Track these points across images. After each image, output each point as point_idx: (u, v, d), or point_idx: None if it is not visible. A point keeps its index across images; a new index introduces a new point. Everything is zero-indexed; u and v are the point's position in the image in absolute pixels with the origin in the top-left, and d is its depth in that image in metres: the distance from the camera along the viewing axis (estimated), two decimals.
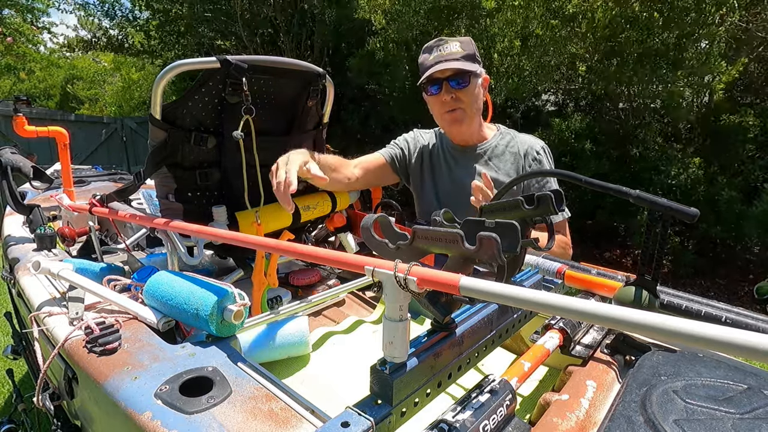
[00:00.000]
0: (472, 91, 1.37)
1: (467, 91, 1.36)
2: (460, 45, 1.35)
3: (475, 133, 1.48)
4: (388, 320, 0.55)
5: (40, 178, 1.68)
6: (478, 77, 1.38)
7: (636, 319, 0.35)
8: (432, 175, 1.54)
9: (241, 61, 1.04)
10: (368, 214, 0.80)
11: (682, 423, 0.50)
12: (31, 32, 10.50)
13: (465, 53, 1.35)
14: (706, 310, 0.84)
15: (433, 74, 1.33)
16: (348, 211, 1.56)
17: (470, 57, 1.36)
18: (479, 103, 1.43)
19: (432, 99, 1.42)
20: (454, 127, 1.45)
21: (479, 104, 1.43)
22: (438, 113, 1.44)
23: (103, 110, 17.54)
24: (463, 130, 1.45)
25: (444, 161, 1.53)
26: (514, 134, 1.52)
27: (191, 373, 0.66)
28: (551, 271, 1.06)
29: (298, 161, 1.10)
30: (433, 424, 0.55)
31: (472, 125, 1.44)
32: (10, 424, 1.53)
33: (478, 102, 1.42)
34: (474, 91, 1.38)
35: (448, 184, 1.51)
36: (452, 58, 1.34)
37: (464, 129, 1.44)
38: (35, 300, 1.00)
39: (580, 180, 0.80)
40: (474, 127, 1.46)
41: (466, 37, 1.39)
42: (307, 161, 1.12)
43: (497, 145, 1.48)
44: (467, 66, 1.33)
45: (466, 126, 1.43)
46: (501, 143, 1.48)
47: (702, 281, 4.12)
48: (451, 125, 1.44)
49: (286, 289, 1.36)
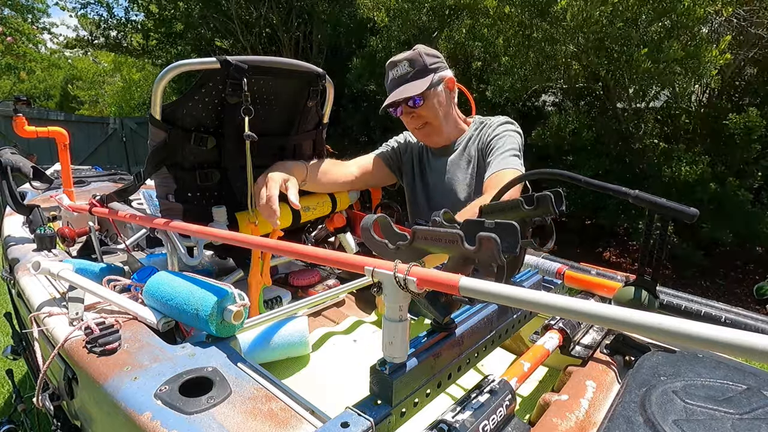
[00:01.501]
0: (431, 104, 1.39)
1: (425, 107, 1.39)
2: (408, 64, 1.38)
3: (451, 134, 1.50)
4: (387, 320, 0.55)
5: (40, 179, 1.68)
6: (434, 87, 1.38)
7: (635, 319, 0.35)
8: (421, 176, 1.57)
9: (241, 62, 1.04)
10: (368, 215, 0.80)
11: (682, 423, 0.50)
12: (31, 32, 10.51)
13: (414, 71, 1.37)
14: (705, 311, 0.84)
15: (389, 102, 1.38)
16: (348, 211, 1.56)
17: (420, 72, 1.37)
18: (445, 108, 1.44)
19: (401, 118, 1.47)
20: (426, 140, 1.51)
21: (445, 109, 1.44)
22: (410, 129, 1.50)
23: (103, 110, 17.54)
24: (436, 140, 1.49)
25: (428, 161, 1.57)
26: (488, 119, 1.53)
27: (191, 373, 0.66)
28: (551, 271, 1.06)
29: (277, 179, 1.14)
30: (433, 424, 0.55)
31: (443, 133, 1.47)
32: (10, 424, 1.53)
33: (443, 108, 1.43)
34: (432, 103, 1.39)
35: (436, 182, 1.54)
36: (403, 81, 1.37)
37: (436, 139, 1.48)
38: (35, 300, 1.00)
39: (580, 180, 0.80)
40: (448, 131, 1.48)
41: (413, 51, 1.39)
42: (287, 179, 1.16)
43: (471, 136, 1.50)
44: (416, 87, 1.34)
45: (437, 136, 1.47)
46: (474, 133, 1.50)
47: (702, 281, 4.12)
48: (423, 138, 1.51)
49: (286, 290, 1.36)
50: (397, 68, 1.39)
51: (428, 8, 4.56)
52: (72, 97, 18.11)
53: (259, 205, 1.12)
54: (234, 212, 1.22)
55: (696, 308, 0.85)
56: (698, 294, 0.92)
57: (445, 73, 1.42)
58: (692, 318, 0.85)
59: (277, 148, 1.34)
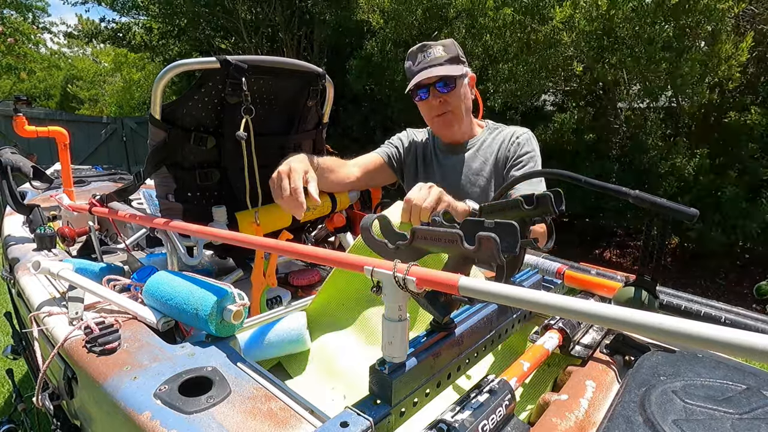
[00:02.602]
0: (459, 93, 1.39)
1: (454, 93, 1.39)
2: (443, 49, 1.38)
3: (466, 131, 1.51)
4: (387, 320, 0.55)
5: (40, 178, 1.68)
6: (464, 78, 1.40)
7: (635, 319, 0.35)
8: (425, 174, 1.57)
9: (240, 62, 1.04)
10: (368, 214, 0.80)
11: (681, 423, 0.50)
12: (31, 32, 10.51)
13: (449, 56, 1.37)
14: (705, 311, 0.84)
15: (420, 81, 1.36)
16: (348, 211, 1.56)
17: (454, 60, 1.38)
18: (468, 102, 1.45)
19: (421, 104, 1.45)
20: (444, 130, 1.48)
21: (468, 103, 1.45)
22: (428, 117, 1.48)
23: (103, 110, 17.54)
24: (454, 131, 1.48)
25: (435, 159, 1.56)
26: (502, 127, 1.55)
27: (191, 373, 0.66)
28: (551, 271, 1.06)
29: (300, 170, 1.08)
30: (432, 423, 0.55)
31: (462, 126, 1.47)
32: (10, 424, 1.53)
33: (467, 101, 1.44)
34: (461, 92, 1.40)
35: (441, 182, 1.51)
36: (436, 63, 1.36)
37: (455, 130, 1.47)
38: (35, 300, 1.00)
39: (580, 180, 0.80)
40: (464, 127, 1.48)
41: (448, 40, 1.42)
42: (307, 170, 1.11)
43: (485, 139, 1.51)
44: (452, 71, 1.35)
45: (457, 127, 1.46)
46: (489, 137, 1.51)
47: (702, 281, 4.12)
48: (441, 128, 1.48)
49: (286, 289, 1.36)
50: (429, 52, 1.38)
51: (422, 10, 4.57)
52: (72, 96, 18.11)
53: (283, 197, 1.06)
54: (234, 212, 1.21)
55: (696, 308, 0.85)
56: (698, 294, 0.92)
57: (469, 70, 1.44)
58: (692, 318, 0.85)
59: (277, 147, 1.34)
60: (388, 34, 4.85)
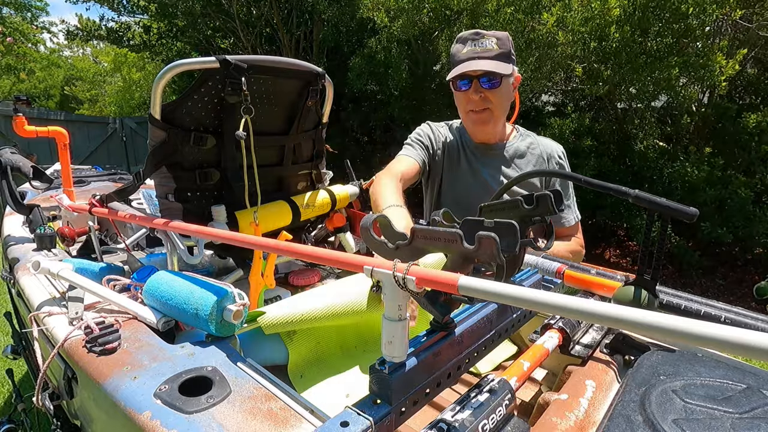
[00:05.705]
0: (503, 92, 1.31)
1: (497, 92, 1.30)
2: (496, 41, 1.28)
3: (499, 133, 1.43)
4: (387, 320, 0.55)
5: (40, 178, 1.68)
6: (510, 77, 1.31)
7: (635, 318, 0.35)
8: (450, 173, 1.48)
9: (240, 61, 1.04)
10: (368, 214, 0.80)
11: (681, 422, 0.50)
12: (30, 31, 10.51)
13: (500, 51, 1.27)
14: (705, 310, 0.84)
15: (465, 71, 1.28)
16: (348, 210, 1.56)
17: (505, 56, 1.28)
18: (507, 103, 1.37)
19: (460, 95, 1.36)
20: (478, 127, 1.39)
21: (507, 105, 1.37)
22: (464, 110, 1.38)
23: (103, 110, 17.53)
24: (488, 131, 1.40)
25: (465, 158, 1.47)
26: (534, 136, 1.49)
27: (190, 372, 0.66)
28: (551, 270, 1.06)
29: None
30: (432, 423, 0.55)
31: (497, 126, 1.39)
32: (10, 424, 1.53)
33: (507, 102, 1.36)
34: (504, 92, 1.32)
35: (471, 183, 1.45)
36: (487, 56, 1.27)
37: (489, 129, 1.39)
38: (35, 300, 1.00)
39: (580, 180, 0.80)
40: (498, 128, 1.41)
41: (503, 33, 1.31)
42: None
43: (519, 147, 1.45)
44: (500, 68, 1.26)
45: (491, 127, 1.38)
46: (522, 145, 1.45)
47: (702, 281, 4.12)
48: (475, 124, 1.39)
49: (286, 289, 1.36)
50: (481, 41, 1.28)
51: (428, 8, 4.56)
52: (72, 96, 18.11)
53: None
54: (234, 211, 1.22)
55: (696, 308, 0.85)
56: (698, 294, 0.92)
57: (516, 69, 1.34)
58: (692, 318, 0.85)
59: (276, 147, 1.34)
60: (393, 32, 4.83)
